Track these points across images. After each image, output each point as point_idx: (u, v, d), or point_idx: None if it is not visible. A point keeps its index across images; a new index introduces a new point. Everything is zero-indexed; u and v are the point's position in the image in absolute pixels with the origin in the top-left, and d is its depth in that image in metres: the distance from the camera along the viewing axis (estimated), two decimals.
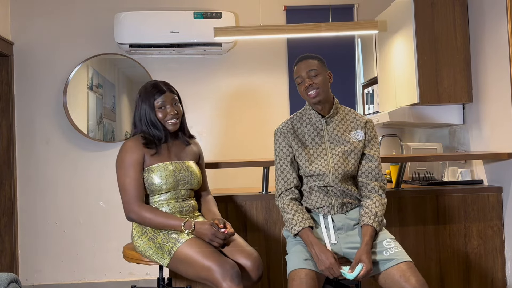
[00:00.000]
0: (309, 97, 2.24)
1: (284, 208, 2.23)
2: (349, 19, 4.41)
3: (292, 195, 2.25)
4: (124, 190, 2.24)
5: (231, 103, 4.38)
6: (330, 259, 2.02)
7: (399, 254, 2.07)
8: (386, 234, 2.19)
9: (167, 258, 2.16)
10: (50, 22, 4.25)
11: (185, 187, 2.34)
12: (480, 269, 2.99)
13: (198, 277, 2.11)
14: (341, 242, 2.18)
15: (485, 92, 3.25)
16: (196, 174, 2.38)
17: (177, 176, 2.30)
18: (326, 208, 2.24)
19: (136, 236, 2.28)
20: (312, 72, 2.23)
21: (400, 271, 2.00)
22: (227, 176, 3.97)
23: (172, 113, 2.34)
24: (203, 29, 4.03)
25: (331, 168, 2.21)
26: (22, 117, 4.21)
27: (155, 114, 2.33)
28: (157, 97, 2.33)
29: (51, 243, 4.19)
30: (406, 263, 2.02)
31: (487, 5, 3.18)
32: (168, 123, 2.34)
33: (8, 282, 2.02)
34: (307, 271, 2.02)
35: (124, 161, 2.26)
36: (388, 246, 2.10)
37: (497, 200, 3.02)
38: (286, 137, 2.30)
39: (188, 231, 2.19)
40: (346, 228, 2.22)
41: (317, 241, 2.10)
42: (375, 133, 2.33)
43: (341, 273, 2.03)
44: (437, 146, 3.56)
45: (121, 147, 2.32)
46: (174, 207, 2.30)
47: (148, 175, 2.27)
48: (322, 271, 2.04)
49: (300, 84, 2.27)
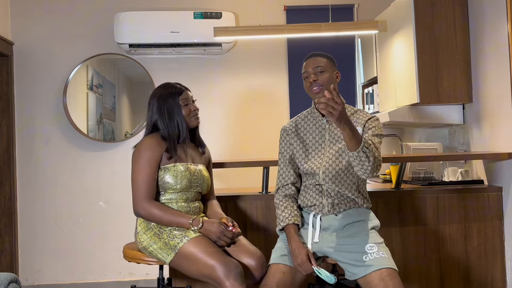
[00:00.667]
0: (313, 92, 2.25)
1: (277, 203, 2.30)
2: (349, 19, 4.41)
3: (287, 191, 2.29)
4: (136, 186, 2.27)
5: (231, 103, 4.38)
6: (302, 256, 2.06)
7: (381, 260, 2.01)
8: (373, 238, 2.12)
9: (171, 254, 2.17)
10: (50, 22, 4.25)
11: (196, 190, 2.37)
12: (480, 269, 2.99)
13: (200, 275, 2.12)
14: (323, 241, 2.18)
15: (485, 92, 3.25)
16: (207, 179, 2.43)
17: (191, 178, 2.33)
18: (317, 207, 2.24)
19: (141, 232, 2.29)
20: (319, 69, 2.24)
21: (378, 278, 1.95)
22: (227, 176, 3.96)
23: (195, 109, 2.43)
24: (203, 29, 4.03)
25: (322, 166, 2.21)
26: (22, 117, 4.21)
27: (180, 111, 2.38)
28: (179, 95, 2.39)
29: (51, 243, 4.19)
30: (387, 270, 1.96)
31: (487, 5, 3.18)
32: (192, 119, 2.41)
33: (8, 282, 2.02)
34: (281, 266, 2.08)
35: (141, 157, 2.29)
36: (370, 251, 2.05)
37: (497, 200, 3.02)
38: (288, 135, 2.35)
39: (195, 228, 2.20)
40: (333, 229, 2.20)
41: (296, 238, 2.13)
42: (375, 125, 2.21)
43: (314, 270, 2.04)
44: (437, 146, 3.56)
45: (139, 143, 2.35)
46: (182, 206, 2.32)
47: (164, 174, 2.30)
48: (296, 267, 2.08)
49: (306, 79, 2.28)
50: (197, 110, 2.45)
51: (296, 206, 2.27)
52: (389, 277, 1.94)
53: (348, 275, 2.10)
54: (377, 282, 1.94)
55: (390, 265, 2.00)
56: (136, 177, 2.28)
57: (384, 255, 2.03)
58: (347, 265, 2.09)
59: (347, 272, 2.11)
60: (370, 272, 1.98)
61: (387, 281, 1.93)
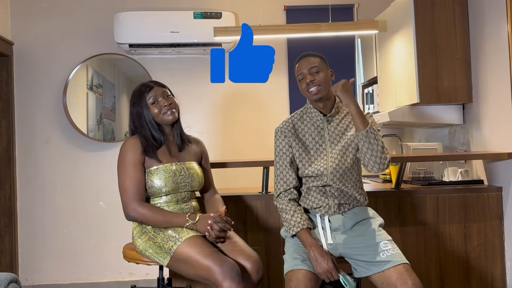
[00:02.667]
0: (310, 93, 2.22)
1: (282, 208, 2.23)
2: (349, 19, 4.41)
3: (291, 195, 2.25)
4: (124, 190, 2.22)
5: (231, 103, 4.38)
6: (329, 263, 2.03)
7: (396, 256, 2.05)
8: (384, 235, 2.17)
9: (167, 257, 2.15)
10: (50, 22, 4.25)
11: (186, 189, 2.32)
12: (480, 269, 2.99)
13: (198, 277, 2.10)
14: (337, 242, 2.18)
15: (485, 92, 3.25)
16: (197, 175, 2.36)
17: (178, 179, 2.28)
18: (323, 208, 2.23)
19: (136, 236, 2.27)
20: (314, 69, 2.23)
21: (397, 273, 1.99)
22: (227, 176, 3.96)
23: (166, 104, 2.29)
24: (203, 29, 4.03)
25: (329, 167, 2.20)
26: (22, 117, 4.21)
27: (150, 111, 2.29)
28: (146, 94, 2.29)
29: (51, 243, 4.19)
30: (403, 265, 2.01)
31: (487, 5, 3.18)
32: (165, 116, 2.29)
33: (8, 282, 2.02)
34: (305, 272, 2.03)
35: (124, 160, 2.24)
36: (385, 247, 2.08)
37: (497, 200, 3.02)
38: (286, 137, 2.28)
39: (191, 222, 2.18)
40: (343, 229, 2.21)
41: (316, 243, 2.10)
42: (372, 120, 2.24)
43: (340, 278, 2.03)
44: (437, 146, 3.56)
45: (121, 146, 2.29)
46: (175, 209, 2.28)
47: (148, 178, 2.25)
48: (319, 274, 2.04)
49: (301, 81, 2.26)
50: (170, 104, 2.30)
51: (303, 209, 2.24)
52: (407, 272, 1.99)
53: (361, 272, 2.10)
54: (396, 277, 1.98)
55: (404, 260, 2.05)
56: (123, 181, 2.22)
57: (398, 251, 2.08)
58: (362, 263, 2.09)
59: (360, 269, 2.11)
60: (388, 268, 2.01)
61: (406, 275, 1.98)
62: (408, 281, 1.96)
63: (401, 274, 1.98)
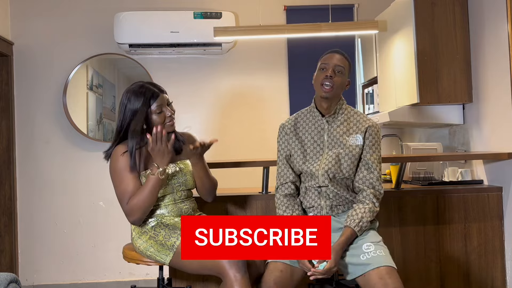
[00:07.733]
0: (322, 87, 2.20)
1: (277, 203, 2.28)
2: (349, 19, 4.41)
3: (287, 190, 2.27)
4: (123, 198, 2.20)
5: (231, 103, 4.38)
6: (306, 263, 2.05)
7: (379, 258, 2.02)
8: (370, 238, 2.14)
9: (170, 254, 2.15)
10: (50, 22, 4.25)
11: (181, 189, 2.32)
12: (480, 269, 2.99)
13: (203, 269, 2.09)
14: None
15: (485, 92, 3.25)
16: (191, 173, 2.35)
17: (171, 181, 2.28)
18: (316, 209, 2.24)
19: (136, 237, 2.27)
20: (339, 68, 2.21)
21: (377, 276, 1.96)
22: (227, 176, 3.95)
23: (170, 114, 2.27)
24: (203, 29, 4.03)
25: (321, 168, 2.20)
26: (22, 117, 4.21)
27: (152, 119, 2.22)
28: (153, 101, 2.21)
29: (51, 243, 4.19)
30: (385, 268, 1.98)
31: (487, 5, 3.18)
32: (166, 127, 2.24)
33: (8, 282, 2.02)
34: (279, 264, 2.07)
35: (117, 168, 2.22)
36: (367, 250, 2.06)
37: (497, 200, 3.02)
38: (286, 134, 2.32)
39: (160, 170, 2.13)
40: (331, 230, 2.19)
41: None
42: (377, 139, 2.24)
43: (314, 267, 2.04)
44: (437, 146, 3.56)
45: (111, 156, 2.26)
46: (173, 210, 2.29)
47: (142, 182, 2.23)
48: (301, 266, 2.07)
49: (321, 70, 2.22)
50: (173, 115, 2.27)
51: (297, 205, 2.26)
52: (388, 275, 1.95)
53: (346, 274, 2.10)
54: (376, 280, 1.95)
55: (388, 263, 2.01)
56: (120, 191, 2.20)
57: (381, 254, 2.04)
58: (347, 265, 2.10)
59: (345, 271, 2.11)
60: (368, 271, 1.99)
61: (386, 279, 1.94)
62: (389, 284, 1.92)
63: (382, 276, 1.95)
